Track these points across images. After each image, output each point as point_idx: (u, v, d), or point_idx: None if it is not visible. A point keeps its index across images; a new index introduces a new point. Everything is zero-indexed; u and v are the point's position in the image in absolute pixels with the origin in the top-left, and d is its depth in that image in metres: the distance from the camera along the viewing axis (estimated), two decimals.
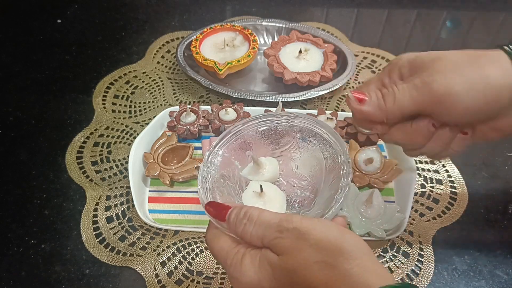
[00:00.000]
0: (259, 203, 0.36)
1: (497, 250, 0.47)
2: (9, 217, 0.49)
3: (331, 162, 0.37)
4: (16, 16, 0.77)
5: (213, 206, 0.32)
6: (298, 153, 0.40)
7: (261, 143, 0.40)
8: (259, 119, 0.39)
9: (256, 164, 0.37)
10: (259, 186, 0.36)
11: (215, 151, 0.37)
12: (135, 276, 0.44)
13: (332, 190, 0.35)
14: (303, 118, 0.39)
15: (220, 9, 0.79)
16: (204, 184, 0.35)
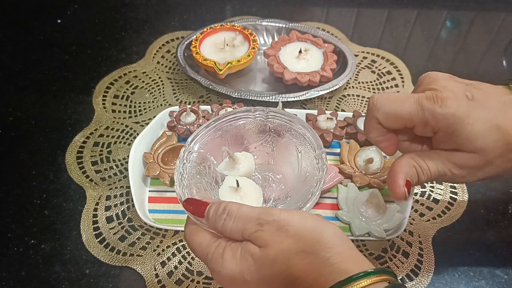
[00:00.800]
0: (236, 198, 0.36)
1: (497, 250, 0.47)
2: (9, 217, 0.49)
3: (306, 157, 0.38)
4: (16, 16, 0.77)
5: (191, 203, 0.32)
6: (273, 148, 0.41)
7: (236, 138, 0.40)
8: (234, 114, 0.39)
9: (232, 159, 0.38)
10: (236, 181, 0.36)
11: (191, 147, 0.37)
12: (135, 276, 0.44)
13: (308, 184, 0.36)
14: (278, 113, 0.39)
15: (220, 9, 0.79)
16: (181, 181, 0.35)
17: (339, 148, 0.54)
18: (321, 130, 0.54)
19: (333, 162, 0.54)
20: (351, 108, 0.62)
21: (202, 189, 0.37)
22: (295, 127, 0.39)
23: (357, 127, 0.55)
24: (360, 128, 0.54)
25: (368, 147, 0.53)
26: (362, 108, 0.62)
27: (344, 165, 0.52)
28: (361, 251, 0.46)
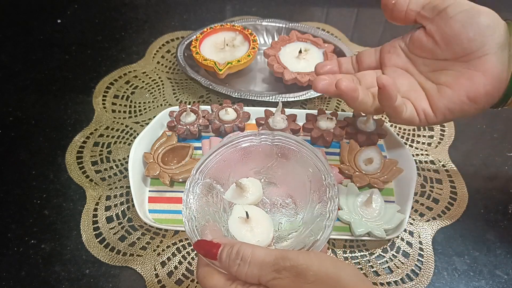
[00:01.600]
0: (246, 229, 0.35)
1: (497, 250, 0.47)
2: (9, 217, 0.49)
3: (315, 182, 0.37)
4: (16, 16, 0.77)
5: (202, 246, 0.31)
6: (280, 172, 0.40)
7: (242, 163, 0.39)
8: (238, 139, 0.38)
9: (240, 188, 0.37)
10: (245, 212, 0.35)
11: (196, 178, 0.36)
12: (135, 276, 0.44)
13: (319, 212, 0.35)
14: (284, 137, 0.38)
15: (220, 9, 0.79)
16: (190, 216, 0.34)
17: (339, 148, 0.54)
18: (321, 130, 0.54)
19: (333, 162, 0.54)
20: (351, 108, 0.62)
21: (211, 221, 0.35)
22: (303, 151, 0.38)
23: (357, 127, 0.55)
24: (360, 128, 0.54)
25: (368, 147, 0.53)
26: None
27: (344, 165, 0.52)
28: (361, 251, 0.47)
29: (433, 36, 0.40)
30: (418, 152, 0.56)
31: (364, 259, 0.46)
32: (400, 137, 0.57)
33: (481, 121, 0.60)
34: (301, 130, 0.56)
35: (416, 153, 0.56)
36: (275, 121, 0.54)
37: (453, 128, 0.59)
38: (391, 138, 0.54)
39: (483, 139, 0.58)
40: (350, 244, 0.47)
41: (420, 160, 0.55)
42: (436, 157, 0.55)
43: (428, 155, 0.56)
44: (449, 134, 0.58)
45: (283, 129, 0.54)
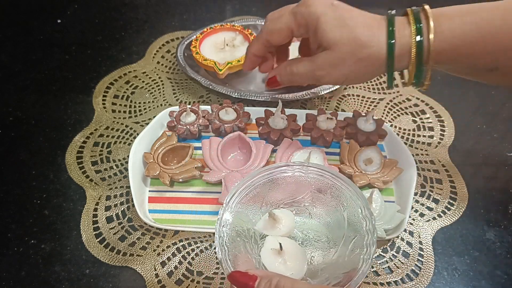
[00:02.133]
0: (279, 261, 0.34)
1: (497, 250, 0.47)
2: (9, 217, 0.49)
3: (351, 215, 0.36)
4: (16, 16, 0.77)
5: (236, 278, 0.30)
6: (314, 204, 0.39)
7: (274, 194, 0.38)
8: (272, 169, 0.37)
9: (273, 219, 0.36)
10: (278, 244, 0.34)
11: (229, 207, 0.35)
12: (135, 276, 0.44)
13: (355, 245, 0.34)
14: (318, 169, 0.38)
15: (220, 9, 0.79)
16: (223, 246, 0.33)
17: (339, 148, 0.54)
18: (321, 130, 0.54)
19: (333, 162, 0.54)
20: (351, 108, 0.62)
21: (243, 252, 0.35)
22: (338, 183, 0.37)
23: (357, 127, 0.55)
24: (360, 128, 0.54)
25: (368, 147, 0.53)
26: (362, 108, 0.62)
27: (344, 165, 0.52)
28: None
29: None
30: (418, 152, 0.56)
31: None
32: (400, 137, 0.57)
33: (481, 121, 0.60)
34: (301, 130, 0.56)
35: (416, 153, 0.56)
36: (275, 121, 0.54)
37: (453, 128, 0.59)
38: (391, 138, 0.54)
39: (483, 139, 0.58)
40: None
41: (420, 160, 0.55)
42: (436, 157, 0.55)
43: (428, 155, 0.56)
44: (449, 134, 0.58)
45: (283, 129, 0.54)
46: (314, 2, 0.40)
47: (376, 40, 0.38)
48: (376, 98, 0.63)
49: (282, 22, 0.42)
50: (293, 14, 0.41)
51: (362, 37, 0.38)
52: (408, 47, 0.38)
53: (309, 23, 0.40)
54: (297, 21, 0.41)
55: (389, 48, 0.38)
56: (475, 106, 0.63)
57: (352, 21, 0.39)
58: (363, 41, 0.38)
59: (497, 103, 0.63)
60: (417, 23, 0.38)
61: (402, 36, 0.38)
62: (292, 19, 0.41)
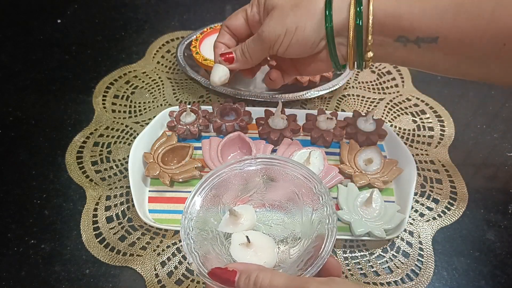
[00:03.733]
0: (250, 254, 0.35)
1: (497, 250, 0.47)
2: (9, 217, 0.49)
3: (306, 193, 0.37)
4: (16, 16, 0.77)
5: (218, 274, 0.30)
6: (268, 193, 0.40)
7: (229, 192, 0.39)
8: (220, 170, 0.38)
9: (234, 215, 0.37)
10: (245, 237, 0.35)
11: (189, 214, 0.36)
12: (135, 276, 0.44)
13: (318, 220, 0.35)
14: (265, 159, 0.38)
15: (220, 9, 0.79)
16: (192, 252, 0.33)
17: (339, 148, 0.54)
18: (321, 130, 0.54)
19: (333, 162, 0.54)
20: (351, 108, 0.62)
21: (213, 255, 0.35)
22: (287, 166, 0.38)
23: (357, 127, 0.55)
24: (360, 128, 0.54)
25: (368, 147, 0.53)
26: (362, 108, 0.62)
27: (344, 165, 0.52)
28: (361, 251, 0.47)
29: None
30: (418, 152, 0.56)
31: (364, 259, 0.46)
32: (400, 137, 0.57)
33: (481, 121, 0.60)
34: (301, 130, 0.56)
35: (416, 153, 0.56)
36: (275, 121, 0.54)
37: (453, 128, 0.59)
38: (391, 138, 0.54)
39: (483, 139, 0.58)
40: (350, 244, 0.47)
41: (420, 160, 0.55)
42: (436, 157, 0.55)
43: (428, 155, 0.56)
44: (449, 134, 0.58)
45: (283, 129, 0.54)
46: None
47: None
48: (376, 98, 0.63)
49: (238, 11, 0.47)
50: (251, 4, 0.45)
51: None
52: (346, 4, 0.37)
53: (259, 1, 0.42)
54: (252, 4, 0.44)
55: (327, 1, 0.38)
56: (475, 106, 0.63)
57: None
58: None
59: (497, 103, 0.63)
60: None
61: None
62: (247, 6, 0.45)
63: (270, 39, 0.40)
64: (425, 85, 0.65)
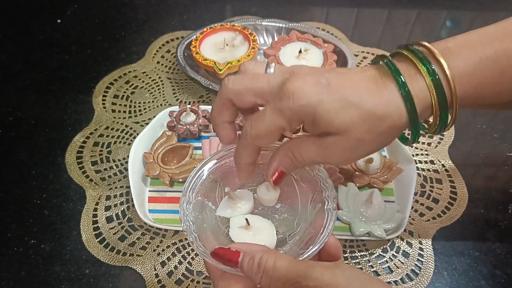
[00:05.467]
0: (249, 236, 0.35)
1: (497, 250, 0.47)
2: (9, 217, 0.49)
3: (304, 180, 0.37)
4: (16, 16, 0.77)
5: (221, 254, 0.30)
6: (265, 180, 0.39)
7: (227, 178, 0.39)
8: (218, 154, 0.38)
9: (232, 199, 0.36)
10: (244, 220, 0.35)
11: (188, 197, 0.36)
12: (135, 276, 0.44)
13: (315, 203, 0.35)
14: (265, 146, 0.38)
15: (220, 9, 0.79)
16: (192, 232, 0.33)
17: None
18: None
19: None
20: None
21: (212, 237, 0.35)
22: None
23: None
24: None
25: None
26: None
27: None
28: (361, 251, 0.47)
29: None
30: (418, 152, 0.56)
31: (364, 259, 0.46)
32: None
33: (481, 121, 0.60)
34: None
35: (416, 153, 0.56)
36: None
37: (453, 128, 0.59)
38: None
39: (483, 139, 0.58)
40: (350, 244, 0.47)
41: (420, 160, 0.55)
42: (436, 157, 0.55)
43: (428, 155, 0.56)
44: (449, 134, 0.58)
45: None
46: (302, 92, 0.32)
47: (393, 107, 0.31)
48: None
49: (268, 123, 0.33)
50: (279, 112, 0.33)
51: (377, 110, 0.31)
52: (428, 102, 0.32)
53: (303, 117, 0.32)
54: (286, 118, 0.33)
55: (410, 111, 0.32)
56: None
57: (356, 95, 0.32)
58: (379, 115, 0.31)
59: None
60: (428, 66, 0.31)
61: (417, 88, 0.32)
62: (279, 117, 0.33)
63: (344, 165, 0.37)
64: None
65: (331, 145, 0.33)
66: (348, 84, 0.32)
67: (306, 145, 0.34)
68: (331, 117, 0.31)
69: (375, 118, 0.31)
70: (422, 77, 0.31)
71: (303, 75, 0.33)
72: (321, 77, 0.33)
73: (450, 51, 0.32)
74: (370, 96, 0.32)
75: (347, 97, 0.32)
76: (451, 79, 0.31)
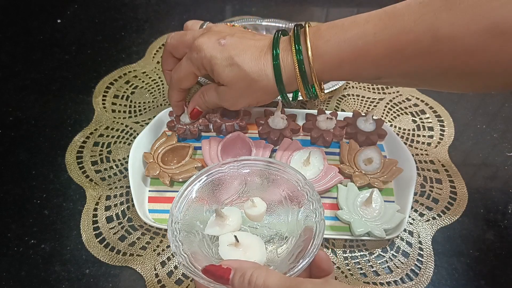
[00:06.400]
0: (239, 253, 0.35)
1: (497, 250, 0.47)
2: (9, 217, 0.49)
3: (291, 193, 0.38)
4: (16, 16, 0.77)
5: (212, 271, 0.30)
6: (252, 195, 0.39)
7: (213, 196, 0.39)
8: (204, 174, 0.38)
9: (220, 216, 0.36)
10: (234, 237, 0.34)
11: (176, 217, 0.36)
12: (135, 276, 0.44)
13: (305, 215, 0.36)
14: (248, 161, 0.39)
15: (220, 9, 0.79)
16: (182, 253, 0.33)
17: (339, 148, 0.54)
18: (321, 130, 0.54)
19: (333, 162, 0.54)
20: (351, 108, 0.62)
21: (202, 256, 0.35)
22: (272, 168, 0.38)
23: (357, 127, 0.55)
24: (360, 128, 0.54)
25: (368, 147, 0.53)
26: (362, 108, 0.62)
27: (344, 165, 0.52)
28: (360, 251, 0.47)
29: None
30: (418, 152, 0.56)
31: (364, 259, 0.46)
32: (400, 137, 0.57)
33: (481, 121, 0.60)
34: (301, 130, 0.56)
35: (416, 153, 0.56)
36: (275, 121, 0.54)
37: (452, 128, 0.59)
38: (391, 138, 0.54)
39: (483, 139, 0.58)
40: (350, 244, 0.47)
41: (420, 160, 0.55)
42: (436, 157, 0.56)
43: (428, 155, 0.56)
44: (449, 134, 0.58)
45: (283, 129, 0.54)
46: (203, 46, 0.42)
47: (264, 74, 0.41)
48: (376, 98, 0.63)
49: (184, 70, 0.46)
50: (189, 60, 0.44)
51: (251, 73, 0.41)
52: (293, 74, 0.41)
53: (205, 66, 0.43)
54: (195, 65, 0.44)
55: (277, 80, 0.41)
56: (475, 106, 0.63)
57: (240, 58, 0.41)
58: (253, 78, 0.41)
59: (497, 103, 0.63)
60: (297, 46, 0.40)
61: (286, 65, 0.41)
62: (190, 65, 0.44)
63: (235, 108, 0.47)
64: None
65: (222, 92, 0.45)
66: (240, 48, 0.42)
67: (210, 90, 0.47)
68: (220, 71, 0.42)
69: (250, 79, 0.41)
70: (291, 53, 0.40)
71: (212, 33, 0.43)
72: (222, 37, 0.42)
73: (320, 33, 0.39)
74: (250, 61, 0.41)
75: (234, 57, 0.41)
76: (311, 58, 0.39)
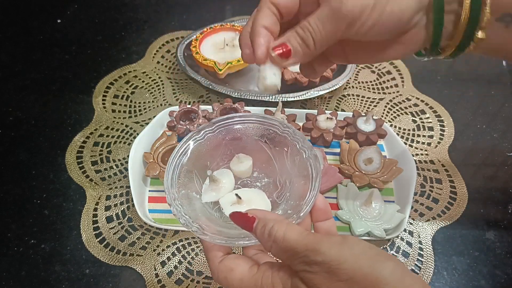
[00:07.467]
0: (244, 209, 0.33)
1: (497, 250, 0.47)
2: (9, 217, 0.49)
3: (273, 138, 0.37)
4: (16, 16, 0.77)
5: (238, 217, 0.31)
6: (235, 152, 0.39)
7: (201, 163, 0.38)
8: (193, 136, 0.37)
9: (214, 181, 0.36)
10: (234, 196, 0.34)
11: (173, 193, 0.35)
12: (135, 276, 0.44)
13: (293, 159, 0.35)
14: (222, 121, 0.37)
15: (220, 9, 0.79)
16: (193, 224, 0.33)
17: (339, 148, 0.54)
18: (321, 130, 0.54)
19: (333, 162, 0.54)
20: (351, 108, 0.62)
21: (212, 222, 0.34)
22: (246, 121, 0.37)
23: (357, 127, 0.55)
24: (360, 128, 0.54)
25: (368, 147, 0.53)
26: (362, 108, 0.62)
27: (344, 165, 0.52)
28: None
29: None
30: (418, 152, 0.56)
31: None
32: (400, 137, 0.57)
33: (481, 121, 0.60)
34: (301, 130, 0.56)
35: (416, 153, 0.56)
36: None
37: (453, 128, 0.59)
38: (391, 138, 0.54)
39: (483, 139, 0.58)
40: None
41: (420, 160, 0.55)
42: (436, 157, 0.55)
43: (428, 155, 0.56)
44: (449, 134, 0.58)
45: None
46: None
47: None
48: (376, 98, 0.63)
49: None
50: None
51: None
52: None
53: None
54: None
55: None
56: (475, 106, 0.63)
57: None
58: None
59: (497, 103, 0.63)
60: None
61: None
62: None
63: (353, 13, 0.30)
64: (425, 85, 0.65)
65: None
66: None
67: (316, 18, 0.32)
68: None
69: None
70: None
71: None
72: None
73: None
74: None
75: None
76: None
